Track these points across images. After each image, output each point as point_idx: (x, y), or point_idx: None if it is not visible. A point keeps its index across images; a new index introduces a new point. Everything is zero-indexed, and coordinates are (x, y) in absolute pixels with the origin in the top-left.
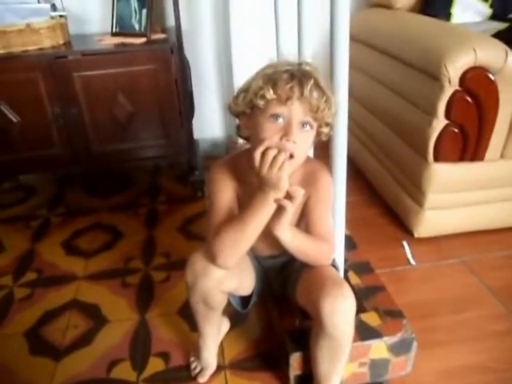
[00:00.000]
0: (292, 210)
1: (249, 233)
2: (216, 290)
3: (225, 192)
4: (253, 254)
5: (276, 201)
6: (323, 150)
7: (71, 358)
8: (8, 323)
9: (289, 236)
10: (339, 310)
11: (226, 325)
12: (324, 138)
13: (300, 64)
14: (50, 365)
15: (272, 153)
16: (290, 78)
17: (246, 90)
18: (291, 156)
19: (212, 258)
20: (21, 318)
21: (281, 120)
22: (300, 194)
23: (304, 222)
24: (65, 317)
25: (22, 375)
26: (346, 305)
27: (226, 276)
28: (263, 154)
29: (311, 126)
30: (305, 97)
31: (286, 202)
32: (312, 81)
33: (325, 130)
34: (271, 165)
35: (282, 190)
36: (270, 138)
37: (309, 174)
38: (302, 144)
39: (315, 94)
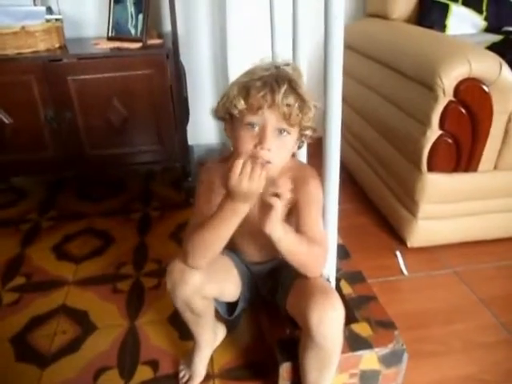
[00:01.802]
0: (280, 207)
1: (217, 238)
2: (196, 296)
3: (208, 195)
4: (240, 259)
5: (264, 200)
6: (317, 157)
7: (58, 365)
8: None
9: (280, 233)
10: (327, 320)
11: (222, 331)
12: (308, 141)
13: (278, 67)
14: (36, 372)
15: (249, 166)
16: (263, 85)
17: (225, 96)
18: (268, 162)
19: (184, 259)
20: (8, 324)
21: (256, 128)
22: (287, 189)
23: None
24: (53, 323)
25: (7, 382)
26: (335, 315)
27: (204, 282)
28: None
29: (288, 132)
30: (276, 104)
31: (274, 200)
32: (285, 86)
33: (307, 132)
34: (251, 177)
35: (254, 200)
36: (246, 146)
37: (297, 177)
38: (279, 150)
39: (289, 99)
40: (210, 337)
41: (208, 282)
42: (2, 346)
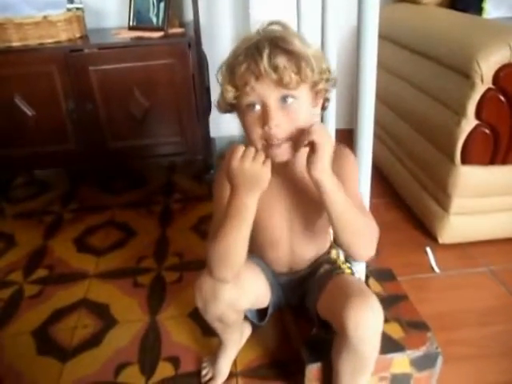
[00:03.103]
0: (327, 148)
1: (233, 243)
2: (229, 311)
3: (223, 197)
4: (268, 268)
5: (303, 144)
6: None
7: (78, 360)
8: (16, 321)
9: (331, 181)
10: (365, 323)
11: (247, 329)
12: (328, 95)
13: (263, 30)
14: (57, 366)
15: (252, 150)
16: (244, 58)
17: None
18: (283, 140)
19: (209, 272)
20: (30, 316)
21: (257, 107)
22: (321, 129)
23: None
24: (74, 316)
25: (29, 376)
26: (373, 317)
27: (237, 296)
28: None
29: (293, 96)
30: (263, 73)
31: (317, 137)
32: (267, 49)
33: (321, 86)
34: (254, 159)
35: (260, 188)
36: (254, 131)
37: None
38: (291, 120)
39: (276, 60)
40: (237, 338)
41: (241, 296)
42: (24, 338)
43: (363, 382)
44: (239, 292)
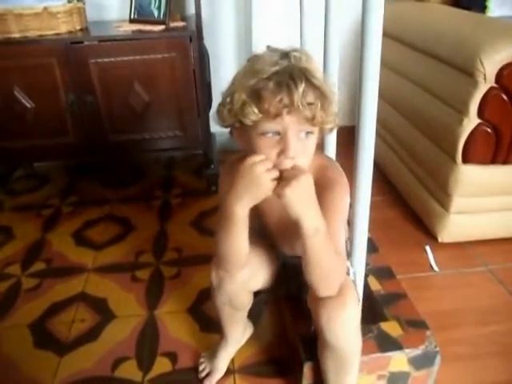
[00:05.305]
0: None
1: (232, 248)
2: (243, 291)
3: None
4: (278, 250)
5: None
6: (345, 146)
7: (76, 354)
8: (14, 314)
9: (312, 226)
10: (337, 320)
11: (249, 329)
12: (329, 133)
13: (288, 56)
14: (54, 359)
15: (270, 163)
16: (277, 86)
17: (229, 102)
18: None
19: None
20: (27, 309)
21: (276, 135)
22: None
23: None
24: (72, 310)
25: (26, 369)
26: (346, 314)
27: (251, 276)
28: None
29: (311, 132)
30: (296, 107)
31: (279, 190)
32: (303, 83)
33: (329, 126)
34: (270, 171)
35: (260, 198)
36: (267, 156)
37: (321, 180)
38: (303, 153)
39: (309, 97)
40: (240, 334)
41: (255, 276)
42: (21, 331)
43: (349, 381)
44: (253, 272)
